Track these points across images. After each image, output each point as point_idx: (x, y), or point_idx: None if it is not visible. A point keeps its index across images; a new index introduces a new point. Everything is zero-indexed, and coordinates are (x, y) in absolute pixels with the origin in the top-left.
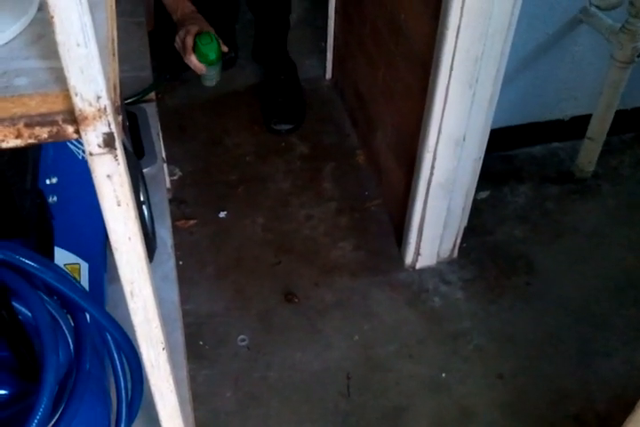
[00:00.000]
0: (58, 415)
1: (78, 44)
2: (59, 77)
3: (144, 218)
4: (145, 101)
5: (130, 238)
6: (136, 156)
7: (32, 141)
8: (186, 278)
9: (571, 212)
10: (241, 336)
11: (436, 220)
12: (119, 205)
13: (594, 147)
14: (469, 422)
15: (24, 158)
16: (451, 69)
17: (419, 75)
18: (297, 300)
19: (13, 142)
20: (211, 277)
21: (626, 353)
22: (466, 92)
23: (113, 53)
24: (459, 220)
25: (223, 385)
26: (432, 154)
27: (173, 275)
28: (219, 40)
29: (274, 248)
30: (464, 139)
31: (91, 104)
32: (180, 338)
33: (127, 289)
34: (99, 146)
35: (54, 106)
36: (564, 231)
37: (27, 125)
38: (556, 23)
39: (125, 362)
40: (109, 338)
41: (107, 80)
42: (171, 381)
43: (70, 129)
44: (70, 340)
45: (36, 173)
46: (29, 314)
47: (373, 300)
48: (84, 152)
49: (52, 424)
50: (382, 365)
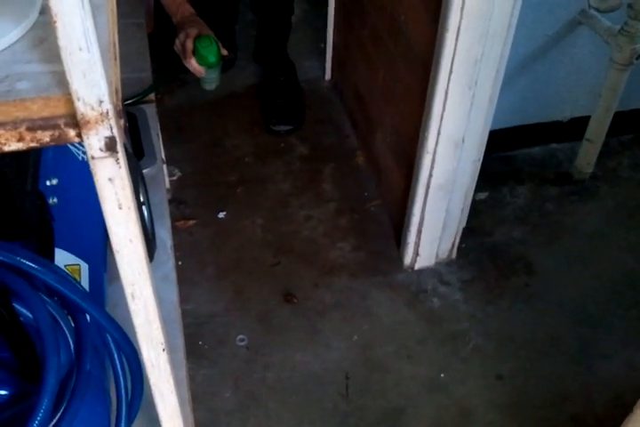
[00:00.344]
0: (59, 416)
1: (81, 49)
2: (61, 81)
3: (144, 219)
4: (144, 102)
5: (131, 241)
6: (136, 156)
7: (34, 145)
8: (185, 279)
9: (569, 213)
10: (240, 336)
11: (435, 220)
12: (120, 208)
13: (592, 148)
14: (468, 422)
15: (24, 160)
16: (450, 71)
17: (418, 76)
18: (296, 300)
19: (15, 146)
20: (210, 277)
21: (625, 354)
22: (465, 93)
23: (115, 57)
24: (457, 220)
25: (222, 385)
26: (431, 155)
27: (173, 275)
28: (218, 43)
29: (273, 249)
30: (463, 140)
31: (93, 108)
32: (180, 338)
33: (128, 291)
34: (100, 150)
35: (56, 110)
36: (563, 232)
37: (29, 129)
38: (555, 25)
39: (125, 363)
40: (110, 339)
41: (109, 84)
42: (171, 381)
43: (72, 133)
44: (71, 340)
45: (37, 175)
46: (30, 315)
47: (372, 300)
48: (85, 154)
49: (53, 425)
50: (381, 365)
